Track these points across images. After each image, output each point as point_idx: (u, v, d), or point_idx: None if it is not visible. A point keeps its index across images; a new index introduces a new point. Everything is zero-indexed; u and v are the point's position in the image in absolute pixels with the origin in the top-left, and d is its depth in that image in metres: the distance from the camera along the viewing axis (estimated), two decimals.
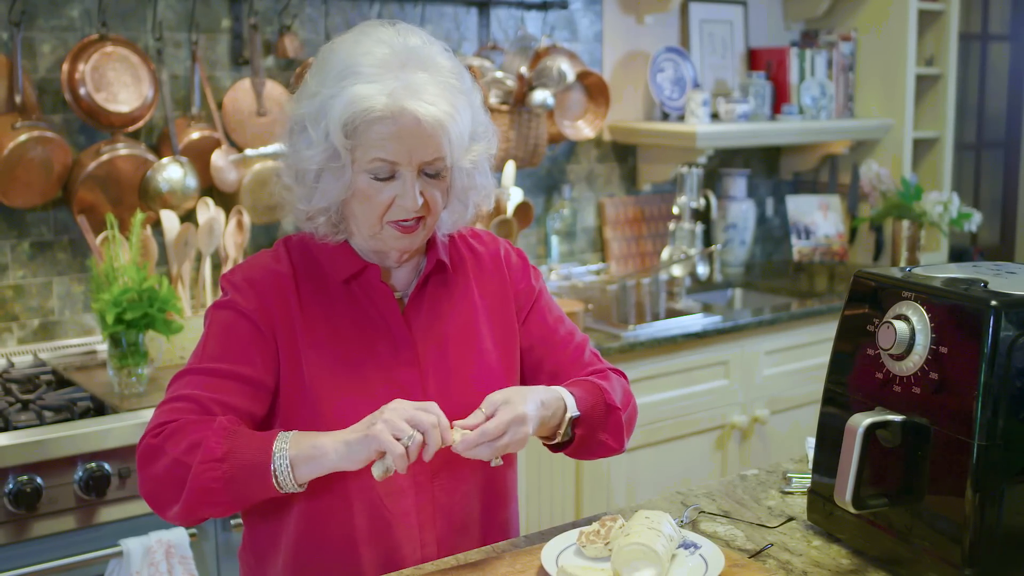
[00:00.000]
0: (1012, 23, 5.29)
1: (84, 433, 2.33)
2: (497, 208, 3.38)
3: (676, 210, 3.85)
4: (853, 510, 1.50)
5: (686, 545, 1.57)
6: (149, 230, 2.83)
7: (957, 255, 4.80)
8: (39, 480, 2.28)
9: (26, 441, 2.27)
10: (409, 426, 1.44)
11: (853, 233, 4.45)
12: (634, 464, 3.27)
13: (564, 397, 1.63)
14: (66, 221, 2.90)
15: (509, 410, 1.52)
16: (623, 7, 3.93)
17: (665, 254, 3.81)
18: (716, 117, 3.99)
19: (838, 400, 1.63)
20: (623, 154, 4.02)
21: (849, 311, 1.64)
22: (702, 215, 3.99)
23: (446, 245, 1.72)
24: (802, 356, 3.63)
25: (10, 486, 2.25)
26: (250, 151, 3.05)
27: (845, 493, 1.49)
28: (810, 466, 1.76)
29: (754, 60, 4.28)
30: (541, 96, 3.48)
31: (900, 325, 1.49)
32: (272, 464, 1.46)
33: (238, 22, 3.11)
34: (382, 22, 1.60)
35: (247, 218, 2.99)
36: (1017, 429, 1.39)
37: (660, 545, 1.47)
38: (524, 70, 3.47)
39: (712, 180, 4.23)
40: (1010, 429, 1.39)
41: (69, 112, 2.85)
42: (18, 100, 2.73)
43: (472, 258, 1.76)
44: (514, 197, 3.44)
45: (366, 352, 1.62)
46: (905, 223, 4.18)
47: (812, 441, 1.75)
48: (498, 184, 3.46)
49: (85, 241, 2.83)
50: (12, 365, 2.80)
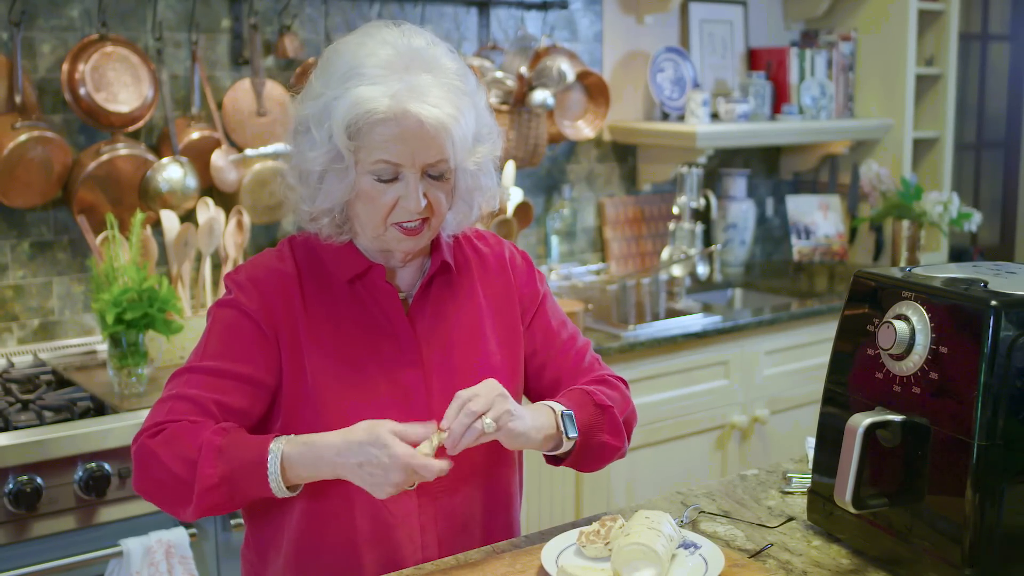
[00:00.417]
0: (1012, 23, 5.29)
1: (84, 433, 2.33)
2: (497, 208, 3.38)
3: (676, 210, 3.85)
4: (853, 510, 1.50)
5: (686, 545, 1.57)
6: (149, 230, 2.83)
7: (957, 255, 4.80)
8: (39, 480, 2.28)
9: (26, 441, 2.27)
10: (399, 487, 1.46)
11: (853, 233, 4.45)
12: (634, 464, 3.27)
13: (548, 404, 1.63)
14: (66, 221, 2.90)
15: (487, 388, 1.51)
16: (623, 7, 3.93)
17: (665, 254, 3.81)
18: (716, 117, 3.99)
19: (838, 400, 1.63)
20: (623, 154, 4.02)
21: (849, 311, 1.64)
22: (702, 215, 3.99)
23: (451, 246, 1.72)
24: (802, 356, 3.63)
25: (10, 486, 2.25)
26: (250, 151, 3.05)
27: (845, 493, 1.49)
28: (810, 466, 1.77)
29: (754, 60, 4.28)
30: (541, 96, 3.48)
31: (900, 325, 1.49)
32: (270, 487, 1.48)
33: (238, 22, 3.11)
34: (386, 23, 1.60)
35: (247, 218, 2.99)
36: (1017, 429, 1.39)
37: (660, 545, 1.47)
38: (524, 70, 3.47)
39: (712, 180, 4.23)
40: (1010, 429, 1.39)
41: (69, 112, 2.85)
42: (18, 100, 2.73)
43: (477, 259, 1.76)
44: (514, 197, 3.44)
45: (370, 352, 1.62)
46: (905, 223, 4.18)
47: (812, 441, 1.75)
48: (499, 190, 3.45)
49: (85, 241, 2.83)
50: (12, 365, 2.80)
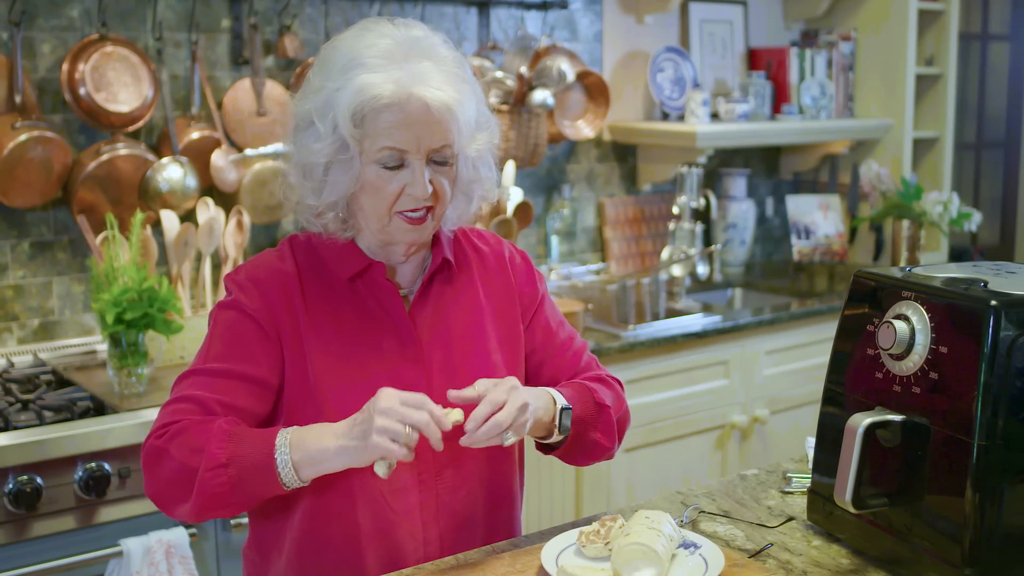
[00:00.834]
0: (1012, 23, 5.29)
1: (84, 433, 2.33)
2: (497, 208, 3.38)
3: (676, 210, 3.85)
4: (853, 510, 1.50)
5: (686, 545, 1.57)
6: (149, 230, 2.83)
7: (957, 255, 4.80)
8: (39, 480, 2.28)
9: (26, 441, 2.27)
10: (404, 426, 1.45)
11: (853, 233, 4.45)
12: (634, 464, 3.27)
13: (551, 392, 1.64)
14: (66, 221, 2.90)
15: (503, 386, 1.52)
16: (623, 7, 3.93)
17: (665, 254, 3.81)
18: (716, 117, 3.99)
19: (838, 400, 1.63)
20: (623, 154, 4.02)
21: (849, 311, 1.64)
22: (702, 215, 3.99)
23: (451, 242, 1.73)
24: (802, 356, 3.63)
25: (10, 486, 2.25)
26: (250, 151, 3.05)
27: (845, 493, 1.49)
28: (810, 466, 1.77)
29: (754, 60, 4.28)
30: (541, 96, 3.47)
31: (900, 325, 1.49)
32: (276, 466, 1.47)
33: (238, 22, 3.11)
34: (381, 19, 1.61)
35: (247, 218, 2.99)
36: (1017, 429, 1.39)
37: (660, 545, 1.47)
38: (524, 70, 3.47)
39: (712, 180, 4.23)
40: (1010, 429, 1.39)
41: (69, 112, 2.85)
42: (18, 100, 2.73)
43: (477, 258, 1.76)
44: (514, 197, 3.44)
45: (371, 350, 1.62)
46: (905, 223, 4.18)
47: (812, 441, 1.75)
48: (498, 183, 3.45)
49: (85, 241, 2.83)
50: (12, 365, 2.80)
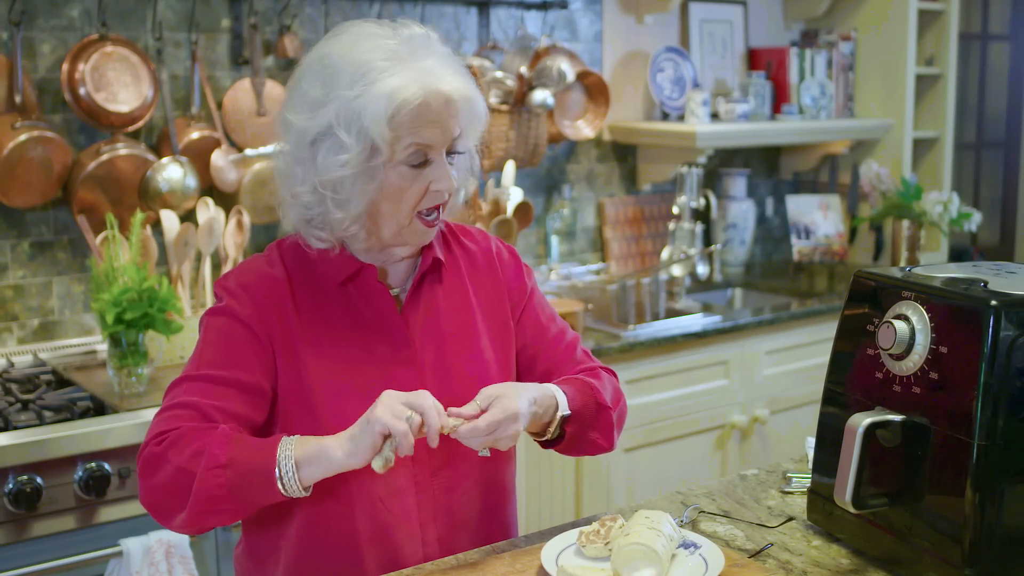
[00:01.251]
0: (1012, 23, 5.29)
1: (84, 433, 2.33)
2: (497, 208, 3.38)
3: (676, 210, 3.85)
4: (853, 510, 1.50)
5: (686, 545, 1.57)
6: (149, 230, 2.83)
7: (957, 255, 4.80)
8: (39, 480, 2.28)
9: (26, 441, 2.27)
10: (407, 408, 1.45)
11: (853, 233, 4.45)
12: (634, 464, 3.27)
13: (556, 395, 1.64)
14: (66, 221, 2.90)
15: (501, 407, 1.52)
16: (623, 7, 3.93)
17: (665, 254, 3.81)
18: (716, 117, 3.99)
19: (838, 400, 1.63)
20: (623, 154, 4.02)
21: (849, 311, 1.64)
22: (702, 215, 3.99)
23: (440, 241, 1.72)
24: (802, 356, 3.63)
25: (10, 486, 2.25)
26: (250, 151, 3.05)
27: (845, 493, 1.49)
28: (810, 466, 1.76)
29: (754, 60, 4.28)
30: (541, 96, 3.47)
31: (900, 325, 1.49)
32: (277, 468, 1.46)
33: (238, 22, 3.11)
34: (363, 22, 1.60)
35: (247, 218, 2.99)
36: (1017, 429, 1.39)
37: (660, 545, 1.47)
38: (524, 70, 3.46)
39: (712, 180, 4.23)
40: (1010, 429, 1.39)
41: (69, 112, 2.85)
42: (18, 100, 2.73)
43: (465, 256, 1.75)
44: (514, 197, 3.44)
45: (364, 353, 1.62)
46: (905, 223, 4.18)
47: (812, 441, 1.75)
48: (498, 184, 3.46)
49: (85, 241, 2.84)
50: (12, 365, 2.80)
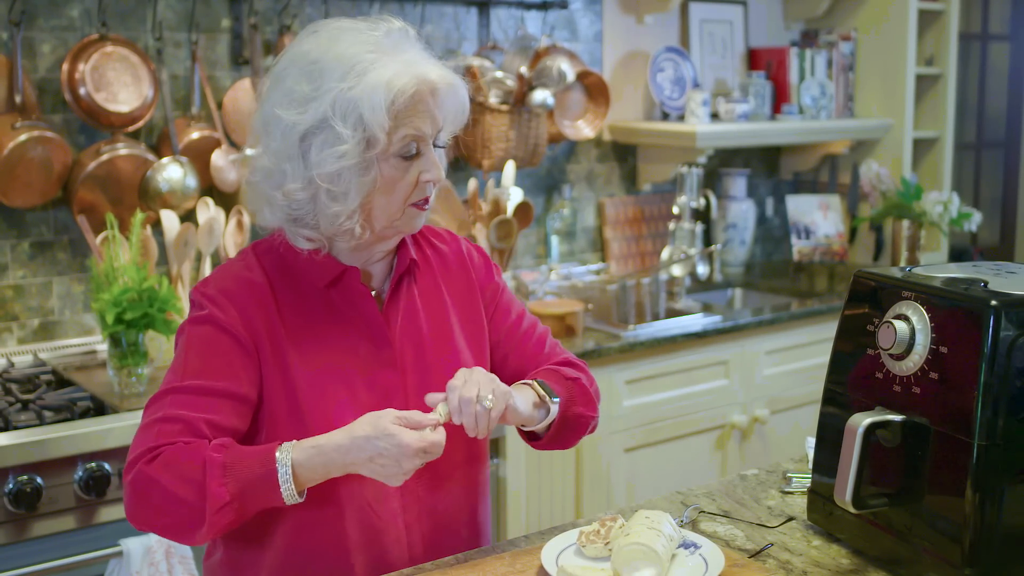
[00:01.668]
0: (1012, 23, 5.29)
1: (84, 433, 2.33)
2: (497, 208, 3.38)
3: (676, 210, 3.84)
4: (853, 510, 1.50)
5: (686, 545, 1.57)
6: (149, 230, 2.83)
7: (957, 255, 4.80)
8: (39, 480, 2.28)
9: (26, 441, 2.27)
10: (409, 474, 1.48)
11: (853, 233, 4.45)
12: (634, 464, 3.27)
13: (527, 383, 1.66)
14: (66, 221, 2.90)
15: (474, 374, 1.54)
16: (623, 7, 3.93)
17: (665, 254, 3.81)
18: (716, 117, 3.99)
19: (838, 400, 1.63)
20: (623, 154, 4.02)
21: (849, 311, 1.64)
22: (702, 215, 3.99)
23: (411, 243, 1.71)
24: (802, 356, 3.63)
25: (10, 486, 2.25)
26: (250, 151, 3.04)
27: (845, 493, 1.49)
28: (810, 466, 1.77)
29: (754, 60, 4.28)
30: (541, 96, 3.47)
31: (900, 325, 1.49)
32: (283, 496, 1.46)
33: (238, 22, 3.11)
34: (333, 20, 1.61)
35: (247, 218, 2.99)
36: (1017, 429, 1.39)
37: (660, 545, 1.47)
38: (524, 70, 3.46)
39: (712, 180, 4.23)
40: (1010, 429, 1.39)
41: (69, 112, 2.85)
42: (18, 100, 2.73)
43: (436, 257, 1.75)
44: (514, 197, 3.44)
45: (348, 355, 1.61)
46: (905, 223, 4.18)
47: (812, 441, 1.75)
48: (498, 184, 3.46)
49: (85, 241, 2.83)
50: (12, 365, 2.80)
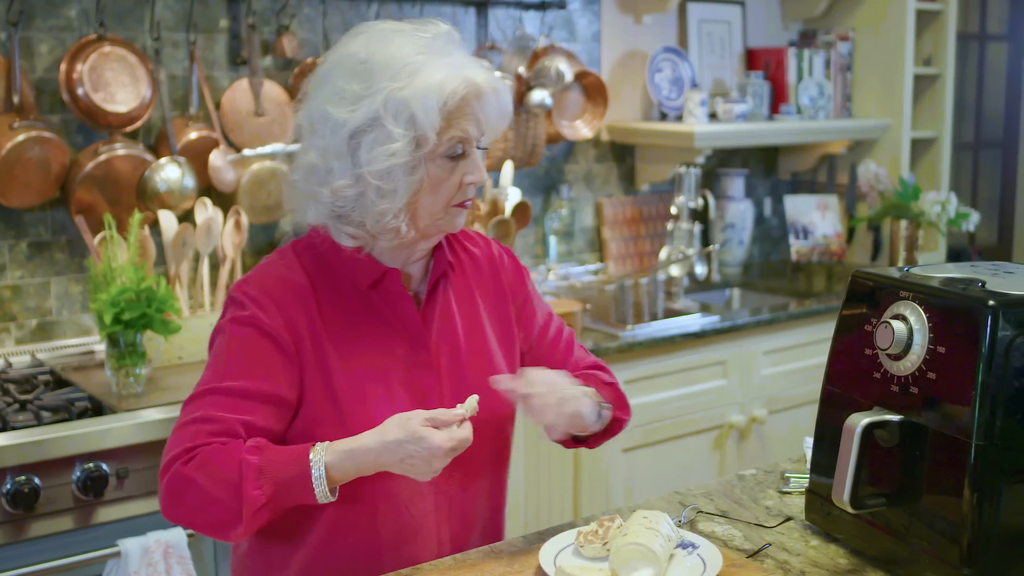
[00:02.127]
0: (1010, 23, 5.30)
1: (82, 433, 2.32)
2: (495, 208, 3.38)
3: (674, 210, 3.84)
4: (851, 510, 1.50)
5: (684, 545, 1.57)
6: (147, 230, 2.82)
7: (955, 255, 4.80)
8: (37, 480, 2.27)
9: (24, 441, 2.27)
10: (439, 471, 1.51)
11: (851, 233, 4.45)
12: (632, 464, 3.27)
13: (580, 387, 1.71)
14: (64, 221, 2.89)
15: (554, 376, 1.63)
16: (621, 7, 3.93)
17: (663, 254, 3.81)
18: (714, 117, 3.99)
19: (836, 400, 1.63)
20: (621, 154, 4.02)
21: (847, 311, 1.64)
22: (700, 215, 3.99)
23: (449, 245, 1.73)
24: (800, 356, 3.63)
25: (8, 486, 2.24)
26: (248, 151, 3.05)
27: (843, 493, 1.49)
28: (808, 466, 1.77)
29: (752, 60, 4.28)
30: (539, 96, 3.48)
31: (898, 325, 1.49)
32: (316, 496, 1.49)
33: (236, 22, 3.11)
34: (379, 22, 1.63)
35: (245, 218, 2.99)
36: (1015, 429, 1.39)
37: (658, 545, 1.47)
38: (522, 70, 3.46)
39: (710, 180, 4.23)
40: (1008, 429, 1.39)
41: (67, 112, 2.85)
42: (16, 100, 2.73)
43: (469, 260, 1.77)
44: (512, 197, 3.44)
45: (387, 356, 1.62)
46: (903, 223, 4.18)
47: (810, 441, 1.75)
48: (496, 184, 3.46)
49: (83, 241, 2.83)
50: (10, 365, 2.79)
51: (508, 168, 3.44)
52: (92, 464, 2.33)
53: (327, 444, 1.50)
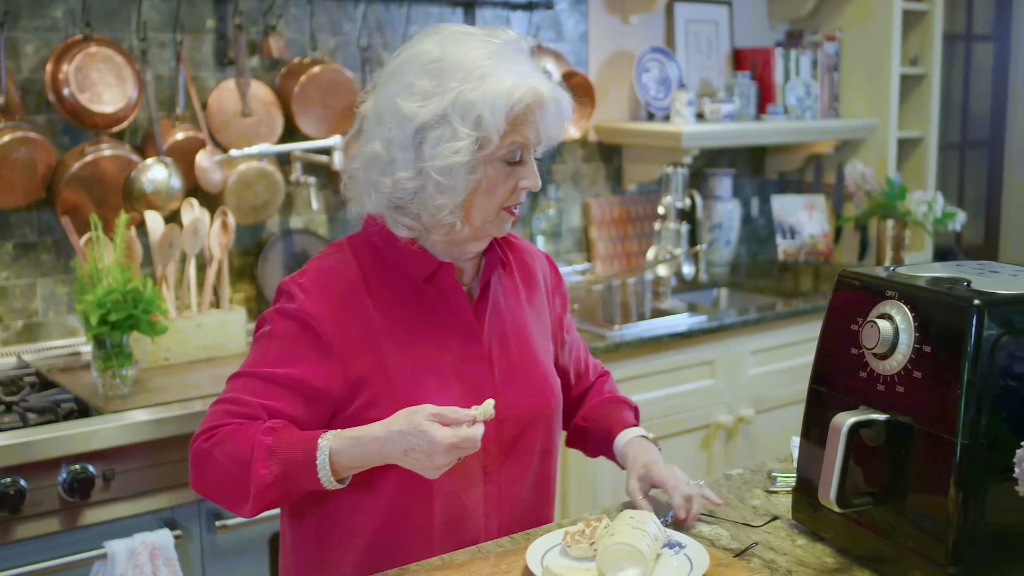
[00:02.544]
0: (996, 23, 5.32)
1: (68, 435, 2.31)
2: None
3: (661, 210, 3.85)
4: (837, 509, 1.51)
5: (671, 545, 1.57)
6: (133, 231, 2.81)
7: (941, 254, 4.82)
8: (22, 482, 2.26)
9: (9, 443, 2.26)
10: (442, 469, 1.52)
11: (838, 233, 4.46)
12: None
13: (639, 433, 1.88)
14: (50, 222, 2.88)
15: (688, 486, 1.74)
16: (608, 7, 3.94)
17: (651, 254, 3.81)
18: (701, 117, 4.00)
19: (822, 399, 1.64)
20: (608, 154, 4.02)
21: (834, 310, 1.64)
22: (687, 215, 3.99)
23: (496, 244, 1.78)
24: (787, 356, 3.63)
25: None
26: (235, 152, 3.04)
27: (829, 492, 1.49)
28: (795, 465, 1.77)
29: (739, 60, 4.29)
30: None
31: (884, 324, 1.49)
32: (320, 481, 1.53)
33: (223, 22, 3.10)
34: (450, 25, 1.69)
35: (232, 219, 2.98)
36: (1000, 428, 1.40)
37: (645, 545, 1.48)
38: None
39: (697, 180, 4.23)
40: (993, 428, 1.39)
41: (53, 113, 2.84)
42: (1, 101, 2.72)
43: (516, 261, 1.83)
44: None
45: (440, 349, 1.67)
46: (890, 223, 4.19)
47: (797, 440, 1.75)
48: None
49: (69, 242, 2.82)
50: None
51: None
52: (78, 466, 2.32)
53: (338, 431, 1.55)
